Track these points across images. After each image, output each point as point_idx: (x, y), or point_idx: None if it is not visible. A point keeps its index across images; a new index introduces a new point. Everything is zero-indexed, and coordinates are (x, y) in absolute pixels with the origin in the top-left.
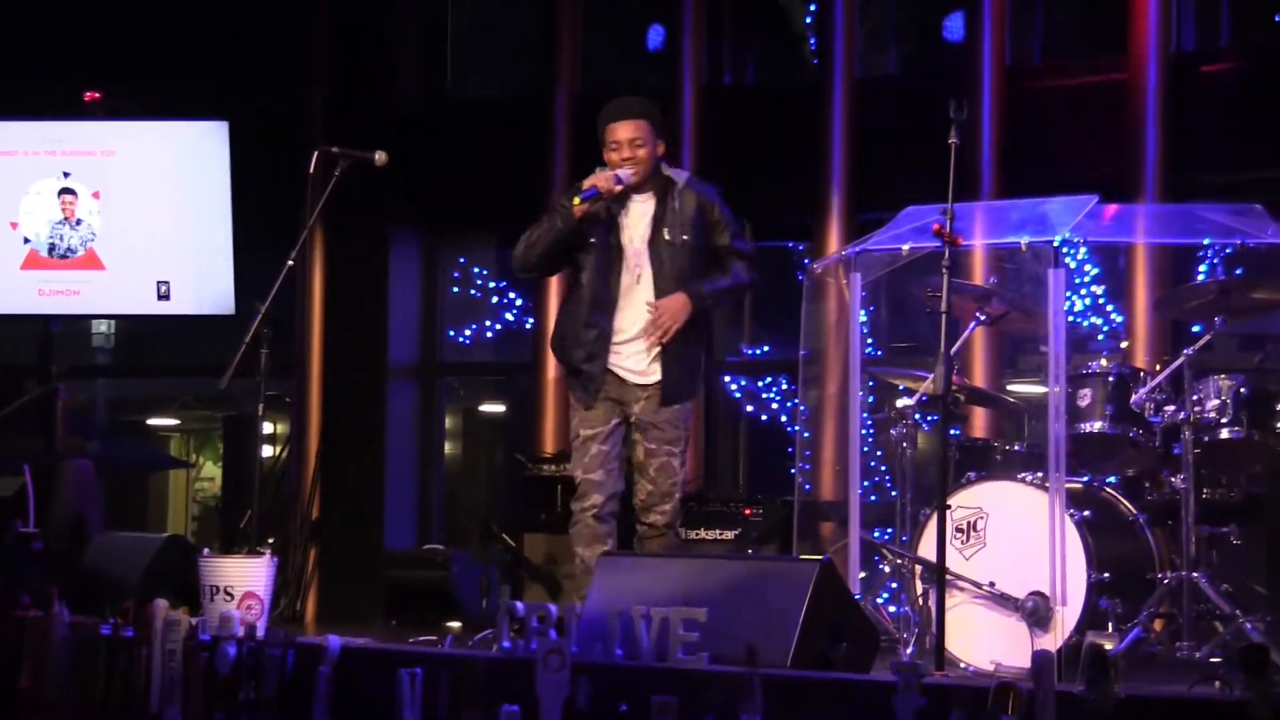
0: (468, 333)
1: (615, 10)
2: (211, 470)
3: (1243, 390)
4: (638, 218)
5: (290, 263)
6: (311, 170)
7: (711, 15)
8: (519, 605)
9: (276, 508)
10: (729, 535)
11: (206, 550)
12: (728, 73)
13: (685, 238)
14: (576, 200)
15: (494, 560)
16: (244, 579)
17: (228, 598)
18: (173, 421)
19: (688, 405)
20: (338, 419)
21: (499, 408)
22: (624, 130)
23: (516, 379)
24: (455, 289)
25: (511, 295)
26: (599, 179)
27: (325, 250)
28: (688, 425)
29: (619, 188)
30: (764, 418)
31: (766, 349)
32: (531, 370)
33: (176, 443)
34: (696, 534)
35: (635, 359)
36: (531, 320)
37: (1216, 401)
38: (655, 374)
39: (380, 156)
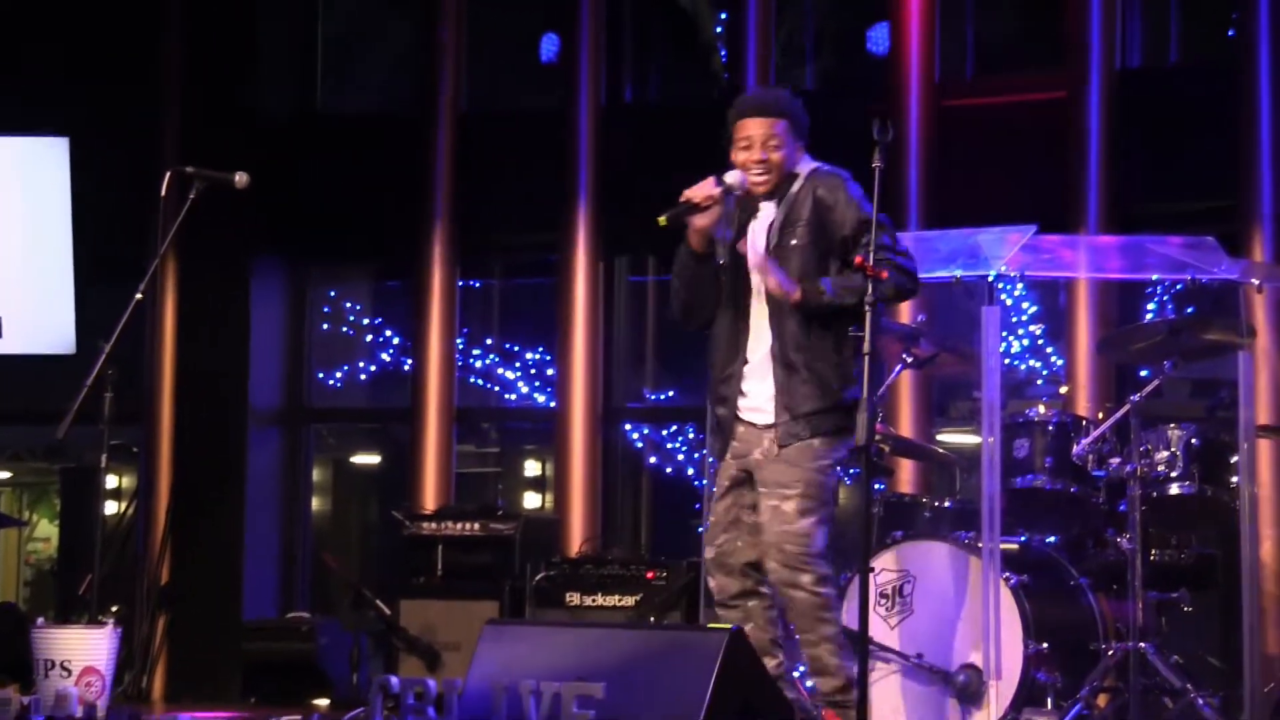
0: (338, 375)
1: (504, 20)
2: (47, 529)
3: (1194, 441)
4: (762, 227)
5: (139, 295)
6: (164, 192)
7: (610, 26)
8: (394, 680)
9: (121, 571)
10: (629, 601)
11: (41, 620)
12: (629, 88)
13: (794, 241)
14: (662, 220)
15: (366, 629)
16: (83, 652)
17: (64, 673)
18: (3, 475)
19: (812, 443)
20: (191, 471)
21: (373, 459)
22: (758, 127)
23: (393, 427)
24: (325, 325)
25: (388, 333)
26: (693, 190)
27: (179, 282)
28: (816, 468)
29: (717, 191)
30: (668, 470)
31: (671, 394)
32: (410, 417)
33: (8, 498)
34: (593, 600)
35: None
36: (409, 361)
37: (1166, 453)
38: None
39: (241, 178)
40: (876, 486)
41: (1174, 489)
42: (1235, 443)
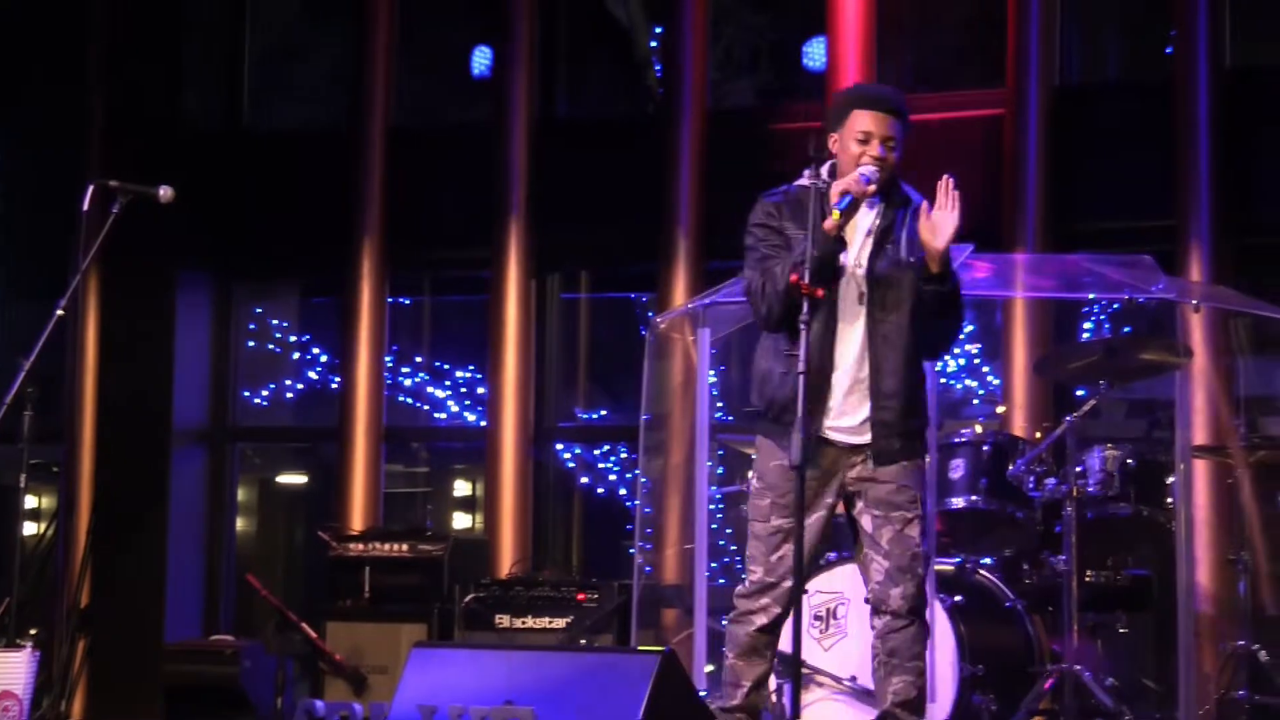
0: (265, 393)
1: (436, 33)
2: None
3: (1130, 461)
4: (859, 232)
5: (60, 312)
6: (86, 207)
7: (544, 40)
8: (319, 704)
9: (40, 593)
10: (559, 623)
11: None
12: (562, 103)
13: (912, 259)
14: (836, 214)
15: (291, 653)
16: (0, 676)
17: None
18: None
19: (919, 463)
20: (113, 491)
21: (299, 478)
22: (880, 124)
23: (320, 446)
24: (251, 343)
25: (315, 351)
26: (848, 184)
27: (101, 298)
28: (920, 486)
29: (872, 189)
30: (600, 490)
31: (604, 413)
32: (337, 436)
33: None
34: (523, 622)
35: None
36: (337, 379)
37: (1102, 474)
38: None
39: (166, 192)
40: None
41: (1110, 510)
42: (1172, 463)
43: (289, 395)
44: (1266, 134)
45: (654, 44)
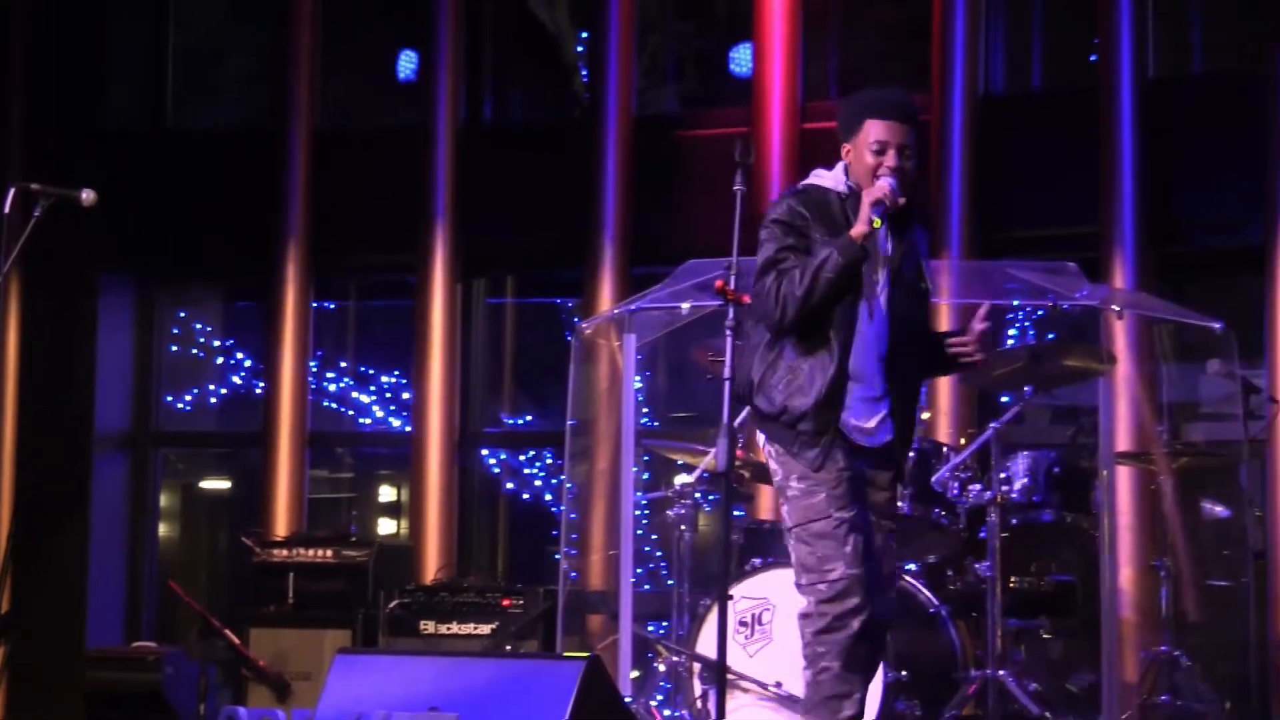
0: (188, 398)
1: (361, 37)
2: None
3: (1054, 468)
4: (876, 249)
5: None
6: (7, 210)
7: (470, 44)
8: (242, 712)
9: None
10: (485, 629)
11: None
12: (488, 108)
13: (925, 285)
14: (877, 222)
15: (214, 659)
16: None
17: None
18: None
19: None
20: (34, 496)
21: (223, 484)
22: (896, 133)
23: (243, 451)
24: (174, 347)
25: (239, 355)
26: (885, 192)
27: (22, 302)
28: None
29: (902, 200)
30: (525, 496)
31: (529, 419)
32: (261, 441)
33: None
34: (448, 628)
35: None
36: (262, 384)
37: (1026, 480)
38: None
39: (88, 195)
40: (736, 513)
41: (1034, 516)
42: (1095, 469)
43: (212, 400)
44: (1188, 143)
45: (580, 50)
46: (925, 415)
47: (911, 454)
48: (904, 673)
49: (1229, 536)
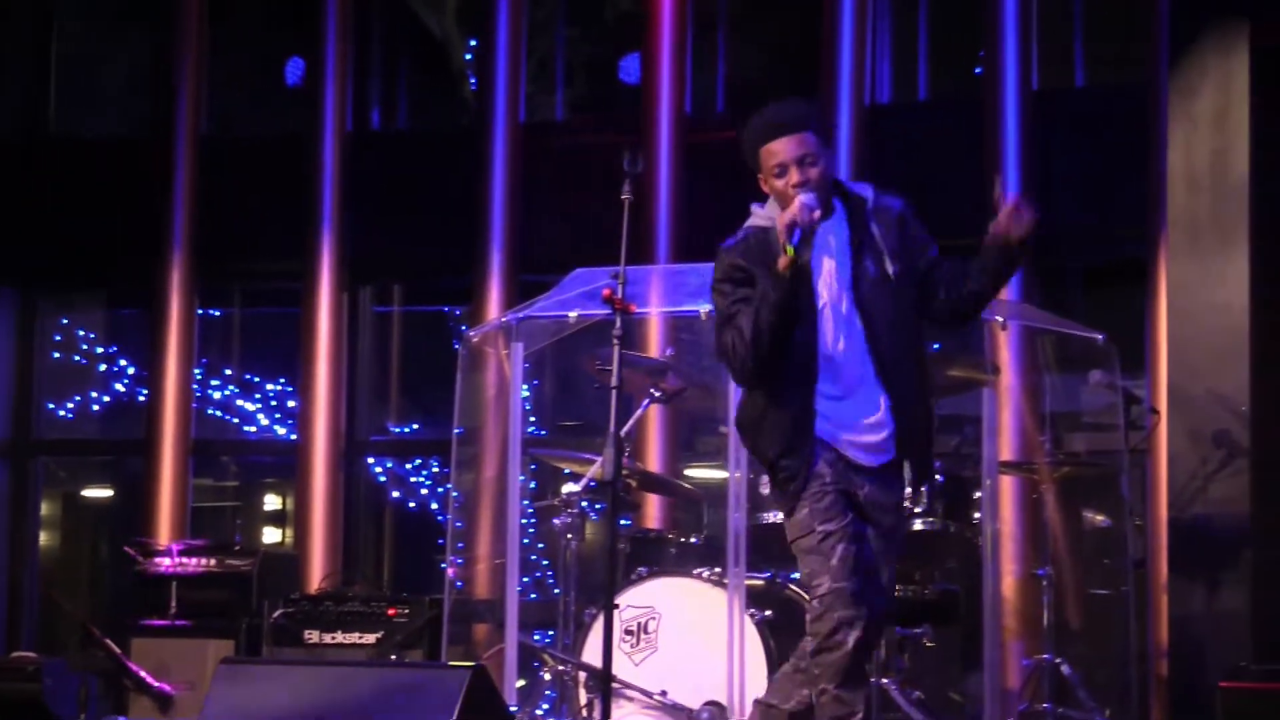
0: (69, 405)
1: (248, 43)
2: None
3: (938, 477)
4: (836, 253)
5: None
6: None
7: (358, 50)
8: None
9: None
10: (370, 639)
11: None
12: (376, 114)
13: (897, 268)
14: (790, 250)
15: (95, 669)
16: None
17: None
18: None
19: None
20: None
21: (105, 492)
22: (790, 148)
23: (126, 459)
24: (56, 354)
25: (122, 363)
26: (794, 214)
27: None
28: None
29: (818, 214)
30: (412, 504)
31: (415, 426)
32: (144, 449)
33: None
34: (332, 638)
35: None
36: (145, 392)
37: (909, 489)
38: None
39: None
40: (622, 522)
41: (918, 524)
42: (979, 478)
43: (95, 408)
44: (1071, 154)
45: (468, 56)
46: None
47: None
48: None
49: (1110, 545)
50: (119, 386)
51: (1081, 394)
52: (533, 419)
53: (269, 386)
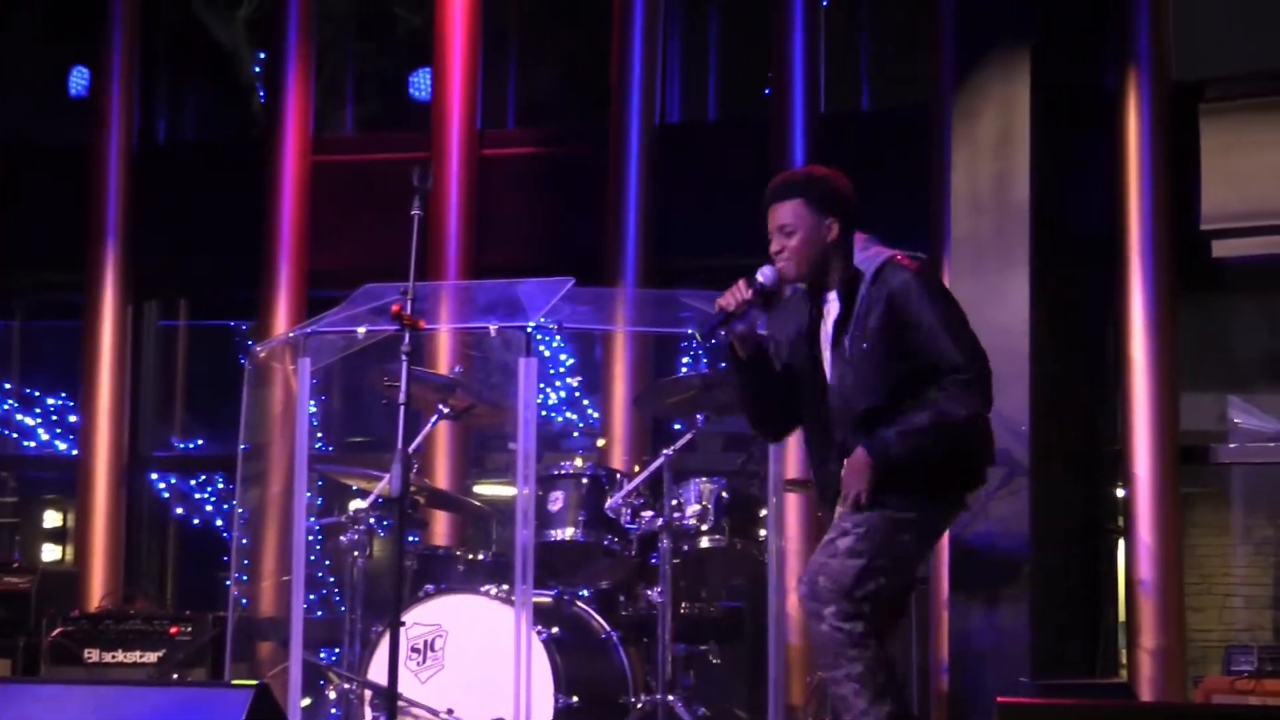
0: None
1: (30, 52)
2: None
3: (725, 495)
4: (827, 323)
5: None
6: None
7: (145, 62)
8: None
9: None
10: (151, 658)
11: None
12: (162, 127)
13: (865, 345)
14: (701, 336)
15: None
16: None
17: None
18: None
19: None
20: None
21: None
22: (776, 215)
23: None
24: None
25: None
26: (727, 297)
27: None
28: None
29: (750, 294)
30: (196, 521)
31: (200, 442)
32: None
33: None
34: (113, 657)
35: None
36: None
37: (697, 507)
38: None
39: None
40: (410, 539)
41: (704, 542)
42: (765, 496)
43: None
44: (857, 176)
45: (257, 70)
46: (600, 442)
47: (585, 480)
48: (575, 698)
49: None
50: None
51: None
52: (320, 435)
53: (50, 401)
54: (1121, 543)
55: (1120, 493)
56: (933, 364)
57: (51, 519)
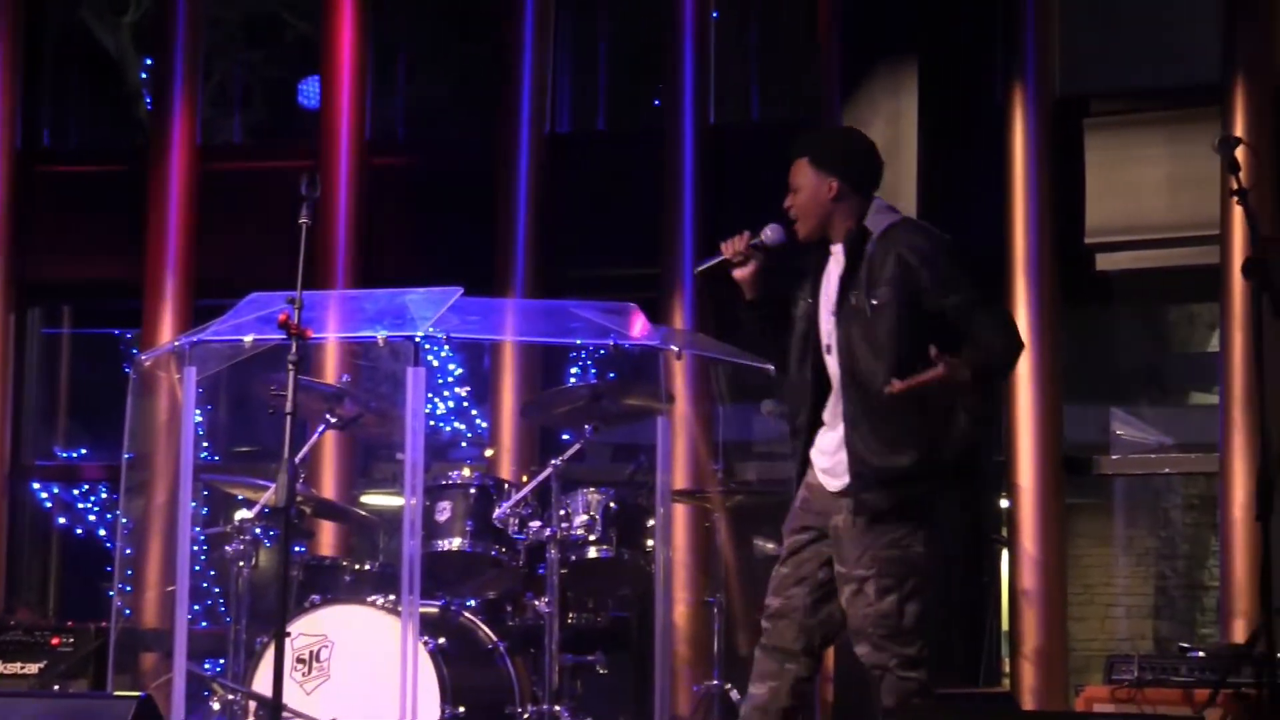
0: None
1: None
2: None
3: (612, 505)
4: (830, 280)
5: None
6: None
7: (28, 67)
8: None
9: None
10: (32, 669)
11: None
12: (46, 133)
13: (875, 301)
14: (697, 271)
15: None
16: None
17: None
18: None
19: (887, 515)
20: None
21: None
22: (791, 172)
23: None
24: None
25: None
26: (728, 243)
27: None
28: (893, 542)
29: (743, 245)
30: (79, 531)
31: (84, 451)
32: None
33: None
34: None
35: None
36: None
37: (585, 517)
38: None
39: None
40: (296, 549)
41: (592, 552)
42: (652, 507)
43: None
44: (747, 188)
45: (144, 76)
46: (489, 452)
47: (473, 490)
48: (461, 708)
49: None
50: None
51: (754, 423)
52: (206, 444)
53: None
54: (1005, 553)
55: (1004, 503)
56: (948, 318)
57: None
